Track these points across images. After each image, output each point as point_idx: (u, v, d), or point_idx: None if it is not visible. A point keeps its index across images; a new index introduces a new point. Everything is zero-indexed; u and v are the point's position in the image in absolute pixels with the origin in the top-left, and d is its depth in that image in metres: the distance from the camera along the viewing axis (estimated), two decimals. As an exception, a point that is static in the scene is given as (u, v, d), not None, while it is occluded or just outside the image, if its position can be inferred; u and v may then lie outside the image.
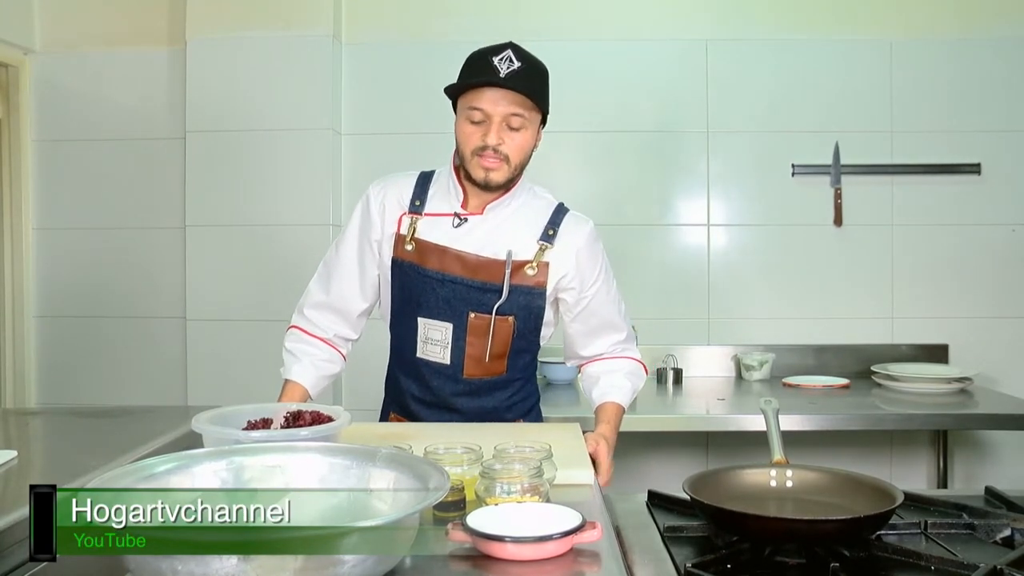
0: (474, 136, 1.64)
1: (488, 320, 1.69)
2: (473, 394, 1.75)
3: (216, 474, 1.03)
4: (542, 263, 1.71)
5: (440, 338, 1.71)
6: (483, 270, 1.69)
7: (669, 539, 1.27)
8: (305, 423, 1.28)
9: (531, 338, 1.77)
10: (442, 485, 0.94)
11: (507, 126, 1.63)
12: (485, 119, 1.63)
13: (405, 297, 1.74)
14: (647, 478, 2.89)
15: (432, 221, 1.73)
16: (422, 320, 1.72)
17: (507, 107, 1.62)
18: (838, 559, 1.15)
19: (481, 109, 1.62)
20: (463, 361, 1.72)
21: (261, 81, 3.07)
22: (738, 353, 3.14)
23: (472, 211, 1.73)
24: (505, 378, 1.76)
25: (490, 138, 1.62)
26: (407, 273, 1.72)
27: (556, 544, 1.01)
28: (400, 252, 1.73)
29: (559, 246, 1.72)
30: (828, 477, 1.36)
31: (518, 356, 1.76)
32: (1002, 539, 1.25)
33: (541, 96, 1.66)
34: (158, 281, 3.20)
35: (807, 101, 3.17)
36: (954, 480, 3.13)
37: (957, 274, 3.15)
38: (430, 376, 1.74)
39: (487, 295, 1.69)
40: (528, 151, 1.69)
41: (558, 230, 1.73)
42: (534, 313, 1.73)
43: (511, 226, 1.72)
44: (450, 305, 1.70)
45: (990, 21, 3.13)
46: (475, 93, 1.62)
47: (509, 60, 1.61)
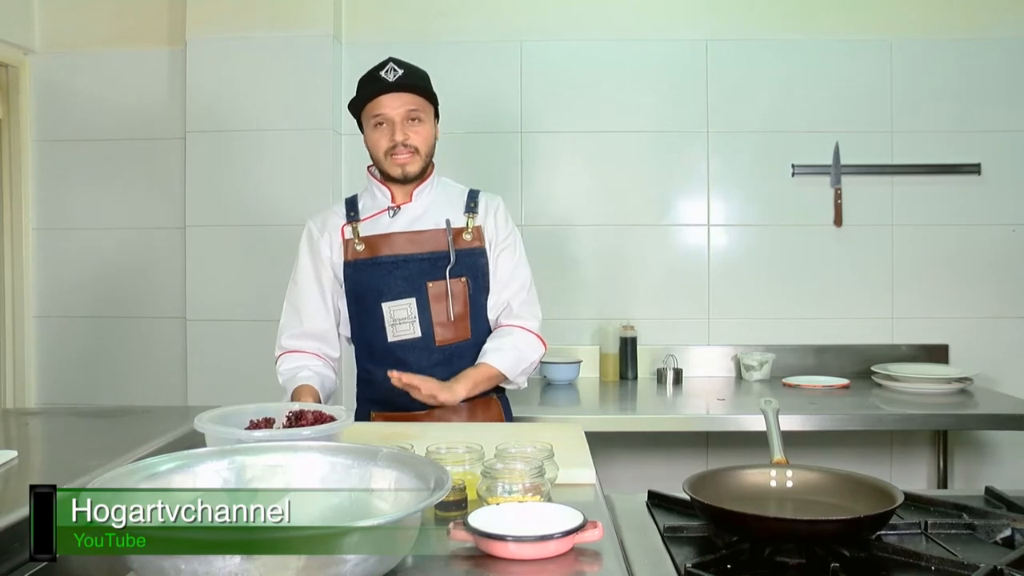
0: (383, 139, 1.90)
1: (444, 285, 1.90)
2: (447, 363, 1.91)
3: (218, 473, 1.03)
4: (476, 228, 1.96)
5: (406, 315, 1.90)
6: (428, 242, 1.92)
7: (669, 539, 1.26)
8: (307, 423, 1.29)
9: (483, 300, 1.96)
10: (443, 485, 0.94)
11: (408, 121, 1.88)
12: (387, 121, 1.88)
13: (365, 291, 1.92)
14: (647, 478, 2.87)
15: (370, 222, 1.96)
16: (386, 305, 1.90)
17: (404, 106, 1.87)
18: (838, 559, 1.15)
19: (382, 113, 1.88)
20: (432, 329, 1.90)
21: (261, 81, 3.07)
22: (738, 353, 3.14)
23: (402, 201, 1.97)
24: (472, 342, 1.94)
25: (397, 135, 1.88)
26: (362, 269, 1.92)
27: (557, 543, 1.01)
28: (351, 254, 1.94)
29: (481, 212, 1.98)
30: (828, 477, 1.36)
31: (477, 321, 1.95)
32: (1002, 539, 1.25)
33: (428, 91, 1.92)
34: (158, 281, 3.20)
35: (807, 101, 3.17)
36: (954, 480, 3.13)
37: (957, 274, 3.15)
38: (405, 354, 1.90)
39: (438, 263, 1.91)
40: (432, 141, 1.95)
41: (477, 202, 1.99)
42: (481, 271, 1.95)
43: (439, 205, 1.97)
44: (408, 282, 1.90)
45: (990, 21, 3.13)
46: (374, 103, 1.88)
47: (393, 70, 1.88)
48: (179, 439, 1.49)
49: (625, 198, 3.21)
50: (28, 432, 1.79)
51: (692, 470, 1.39)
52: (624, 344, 3.10)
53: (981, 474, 3.12)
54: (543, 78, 3.18)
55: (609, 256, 3.19)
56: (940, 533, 1.28)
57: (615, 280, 3.18)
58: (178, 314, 3.15)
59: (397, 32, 3.20)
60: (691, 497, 1.26)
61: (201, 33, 3.07)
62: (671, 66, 3.19)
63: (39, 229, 3.25)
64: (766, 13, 3.17)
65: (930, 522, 1.29)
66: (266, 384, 2.59)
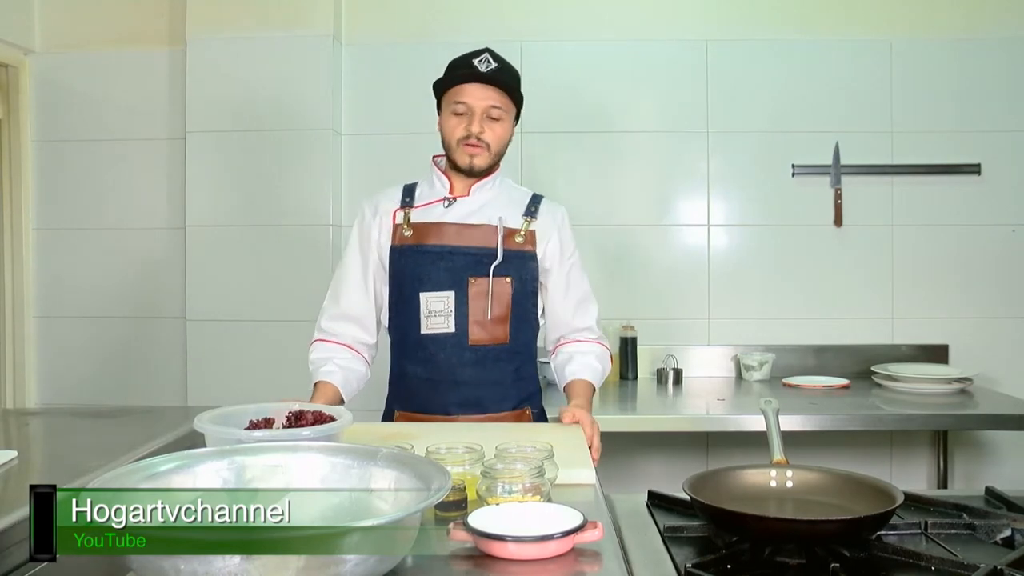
0: (459, 127, 1.84)
1: (487, 282, 1.83)
2: (479, 363, 1.84)
3: (218, 473, 1.03)
4: (529, 231, 1.89)
5: (443, 308, 1.83)
6: (477, 236, 1.85)
7: (669, 539, 1.26)
8: (307, 423, 1.28)
9: (528, 306, 1.89)
10: (443, 485, 0.94)
11: (487, 117, 1.83)
12: (468, 111, 1.83)
13: (406, 278, 1.86)
14: (647, 478, 2.89)
15: (424, 209, 1.90)
16: (424, 295, 1.83)
17: (487, 100, 1.82)
18: (838, 559, 1.15)
19: (464, 102, 1.82)
20: (467, 327, 1.83)
21: (261, 81, 3.07)
22: (738, 353, 3.14)
23: (459, 194, 1.91)
24: (509, 348, 1.86)
25: (473, 127, 1.82)
26: (407, 255, 1.86)
27: (557, 544, 1.01)
28: (399, 239, 1.88)
29: (541, 219, 1.91)
30: (828, 477, 1.36)
31: (519, 326, 1.87)
32: (1002, 539, 1.25)
33: (515, 91, 1.87)
34: (158, 281, 3.20)
35: (807, 101, 3.17)
36: (954, 480, 3.13)
37: (957, 274, 3.15)
38: (437, 349, 1.83)
39: (484, 259, 1.84)
40: (506, 140, 1.89)
41: (539, 208, 1.92)
42: (529, 275, 1.88)
43: (496, 203, 1.90)
44: (450, 274, 1.83)
45: (990, 21, 3.13)
46: (459, 89, 1.83)
47: (488, 61, 1.83)
48: (179, 439, 1.50)
49: (625, 198, 3.21)
50: (28, 432, 1.79)
51: (692, 470, 1.39)
52: (624, 344, 3.10)
53: (981, 474, 3.11)
54: (543, 78, 3.18)
55: (609, 256, 3.19)
56: (940, 533, 1.28)
57: (615, 280, 3.18)
58: (178, 314, 3.15)
59: (397, 32, 3.21)
60: (691, 497, 1.26)
61: (201, 33, 3.08)
62: (671, 66, 3.19)
63: (39, 229, 3.26)
64: (766, 13, 3.17)
65: (930, 522, 1.29)
66: (266, 384, 2.60)
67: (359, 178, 3.18)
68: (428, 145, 3.06)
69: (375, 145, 3.20)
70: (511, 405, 1.88)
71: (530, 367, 1.94)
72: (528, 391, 1.92)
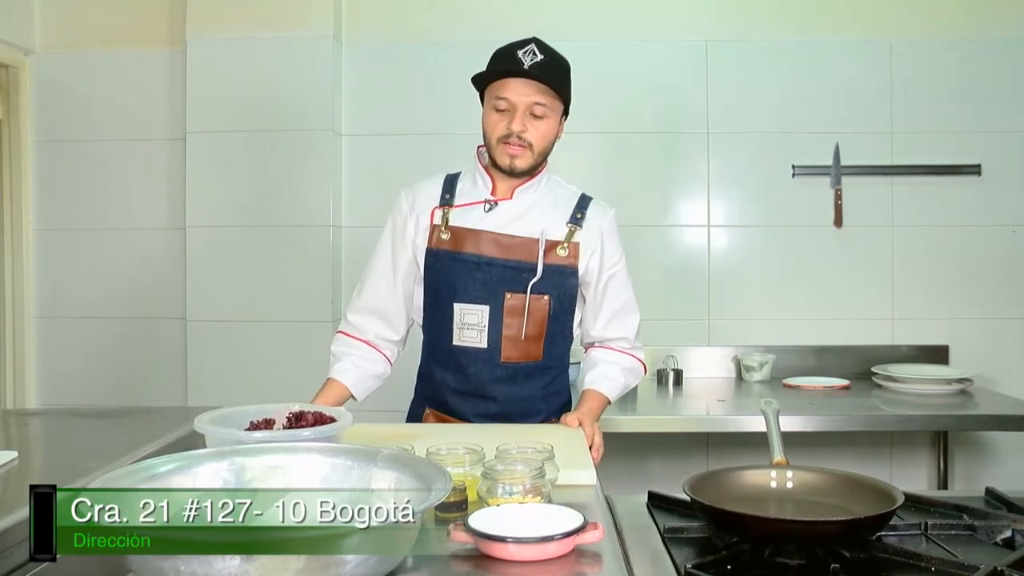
0: (500, 124, 1.73)
1: (523, 299, 1.74)
2: (510, 380, 1.78)
3: (218, 474, 1.03)
4: (572, 244, 1.78)
5: (476, 322, 1.76)
6: (517, 249, 1.75)
7: (669, 540, 1.26)
8: (307, 424, 1.28)
9: (565, 321, 1.81)
10: (444, 486, 0.94)
11: (531, 114, 1.72)
12: (510, 108, 1.71)
13: (441, 286, 1.78)
14: (647, 479, 2.89)
15: (463, 210, 1.80)
16: (458, 306, 1.76)
17: (530, 96, 1.70)
18: (838, 560, 1.15)
19: (506, 98, 1.71)
20: (500, 344, 1.75)
21: (261, 82, 3.07)
22: (738, 354, 3.14)
23: (501, 196, 1.80)
24: (541, 365, 1.80)
25: (515, 125, 1.71)
26: (443, 261, 1.78)
27: (558, 545, 1.01)
28: (435, 242, 1.79)
29: (587, 228, 1.80)
30: (828, 478, 1.36)
31: (554, 342, 1.80)
32: (1003, 540, 1.25)
33: (563, 87, 1.74)
34: (158, 282, 3.20)
35: (808, 102, 3.16)
36: (954, 481, 3.12)
37: (957, 275, 3.15)
38: (468, 363, 1.77)
39: (522, 274, 1.75)
40: (551, 139, 1.78)
41: (585, 213, 1.81)
42: (568, 293, 1.79)
43: (540, 209, 1.80)
44: (486, 287, 1.75)
45: (990, 22, 3.13)
46: (500, 84, 1.72)
47: (533, 53, 1.70)
48: (179, 440, 1.49)
49: (625, 199, 3.19)
50: (28, 433, 1.79)
51: (692, 471, 1.39)
52: (624, 345, 3.09)
53: (981, 475, 3.11)
54: (543, 79, 3.18)
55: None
56: (940, 534, 1.28)
57: (615, 281, 3.17)
58: (178, 315, 3.15)
59: (397, 33, 3.20)
60: (691, 498, 1.26)
61: (201, 33, 3.08)
62: (671, 67, 3.19)
63: (39, 230, 3.25)
64: (766, 14, 3.17)
65: (930, 523, 1.29)
66: (267, 385, 2.60)
67: (359, 179, 3.18)
68: (428, 145, 3.07)
69: (375, 146, 3.20)
70: (540, 419, 1.82)
71: (562, 379, 1.88)
72: (559, 403, 1.87)
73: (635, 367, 1.89)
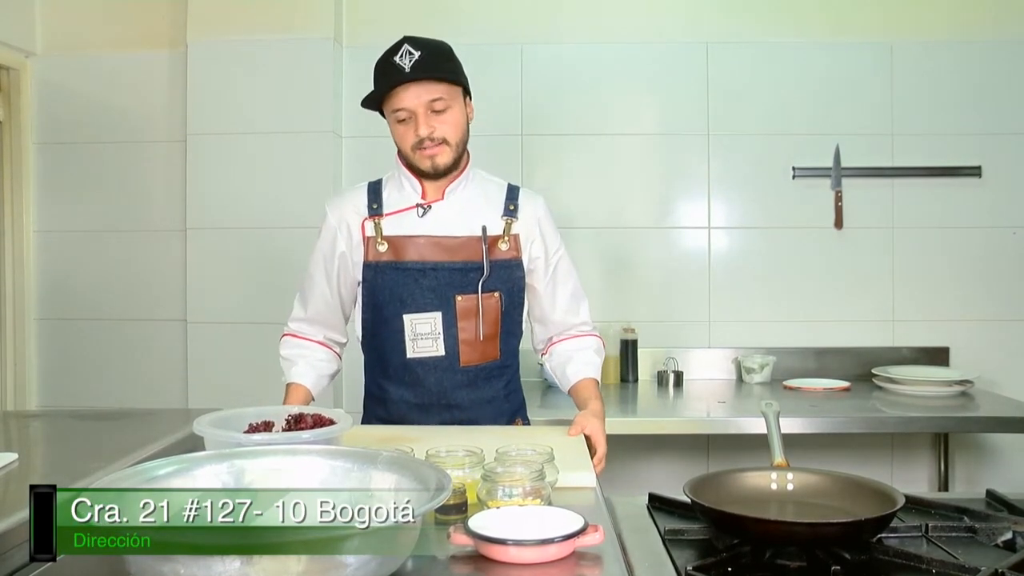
0: (408, 134, 1.71)
1: (475, 300, 1.72)
2: (471, 384, 1.75)
3: (217, 477, 1.03)
4: (512, 236, 1.77)
5: (430, 330, 1.72)
6: (461, 250, 1.73)
7: (670, 542, 1.26)
8: (307, 426, 1.28)
9: (515, 316, 1.81)
10: (444, 488, 0.93)
11: (432, 112, 1.69)
12: (410, 115, 1.69)
13: (385, 299, 1.74)
14: (648, 481, 2.89)
15: (396, 218, 1.76)
16: (408, 317, 1.72)
17: (424, 96, 1.68)
18: (839, 562, 1.15)
19: (403, 108, 1.69)
20: (458, 348, 1.73)
21: (262, 84, 3.07)
22: (739, 356, 3.14)
23: (433, 199, 1.77)
24: (500, 364, 1.79)
25: (421, 131, 1.69)
26: (384, 273, 1.74)
27: (558, 547, 1.01)
28: (373, 255, 1.75)
29: (522, 218, 1.79)
30: (829, 480, 1.36)
31: (508, 339, 1.79)
32: (1003, 542, 1.25)
33: (452, 72, 1.71)
34: (159, 284, 3.20)
35: (808, 104, 3.17)
36: (955, 483, 3.12)
37: (958, 277, 3.15)
38: (425, 374, 1.74)
39: (469, 275, 1.73)
40: (463, 126, 1.74)
41: (518, 204, 1.80)
42: (517, 286, 1.78)
43: (474, 206, 1.77)
44: (435, 293, 1.72)
45: (990, 24, 3.14)
46: (392, 96, 1.70)
47: (409, 54, 1.69)
48: (179, 442, 1.49)
49: (626, 201, 3.21)
50: (29, 434, 1.79)
51: (693, 473, 1.39)
52: (625, 346, 3.10)
53: (982, 477, 3.11)
54: (544, 81, 3.19)
55: (610, 258, 3.19)
56: (941, 536, 1.27)
57: (616, 283, 3.18)
58: (179, 317, 3.15)
59: (398, 35, 3.16)
60: (692, 500, 1.26)
61: (202, 36, 3.08)
62: (671, 69, 3.19)
63: (40, 231, 3.26)
64: (766, 16, 3.18)
65: (931, 525, 1.29)
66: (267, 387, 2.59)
67: (360, 180, 3.16)
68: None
69: (376, 148, 3.17)
70: (505, 420, 1.82)
71: (517, 378, 1.87)
72: (518, 402, 1.87)
73: (600, 345, 1.90)
